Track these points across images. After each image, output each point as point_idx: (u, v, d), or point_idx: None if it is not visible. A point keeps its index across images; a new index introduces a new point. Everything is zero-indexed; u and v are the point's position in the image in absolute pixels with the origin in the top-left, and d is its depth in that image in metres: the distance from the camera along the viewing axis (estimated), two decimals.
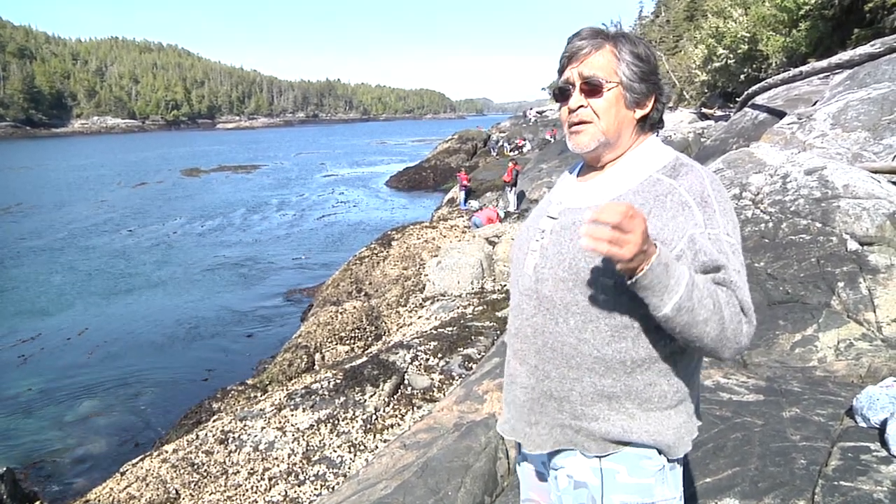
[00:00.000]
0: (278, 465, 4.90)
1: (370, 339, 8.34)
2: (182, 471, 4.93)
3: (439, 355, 6.18)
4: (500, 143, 33.53)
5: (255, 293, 12.69)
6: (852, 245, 3.97)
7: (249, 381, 7.38)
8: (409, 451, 3.46)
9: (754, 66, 21.52)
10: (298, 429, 5.25)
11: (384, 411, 5.53)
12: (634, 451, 1.27)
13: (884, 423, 2.56)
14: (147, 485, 4.82)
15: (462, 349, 6.29)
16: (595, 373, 1.25)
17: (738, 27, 22.19)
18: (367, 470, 3.62)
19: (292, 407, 5.52)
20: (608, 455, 1.28)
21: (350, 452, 4.97)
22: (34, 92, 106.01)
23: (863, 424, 2.69)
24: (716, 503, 2.33)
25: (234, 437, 5.23)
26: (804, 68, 10.52)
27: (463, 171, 21.53)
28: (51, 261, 15.58)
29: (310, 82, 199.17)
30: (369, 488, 3.15)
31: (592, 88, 1.27)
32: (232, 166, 40.58)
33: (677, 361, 1.27)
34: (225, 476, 4.85)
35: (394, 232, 12.97)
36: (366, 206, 24.13)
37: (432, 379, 5.84)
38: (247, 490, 4.69)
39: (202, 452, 5.11)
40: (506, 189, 17.11)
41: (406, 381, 5.92)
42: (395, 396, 5.76)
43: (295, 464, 4.90)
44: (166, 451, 5.26)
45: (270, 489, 4.68)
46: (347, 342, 8.17)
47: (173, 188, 30.19)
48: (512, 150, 30.48)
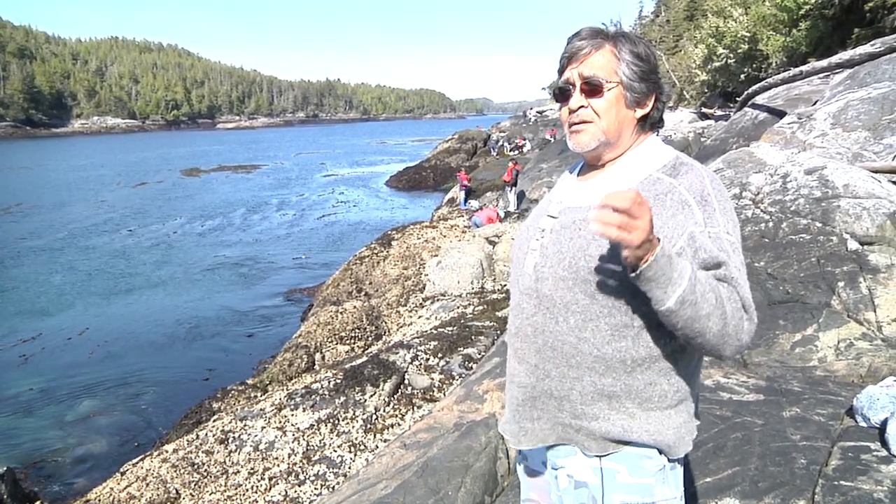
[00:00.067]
0: (278, 465, 4.90)
1: (370, 338, 8.34)
2: (182, 470, 4.93)
3: (439, 355, 6.19)
4: (500, 142, 33.52)
5: (256, 293, 12.70)
6: (852, 245, 3.97)
7: (250, 381, 7.38)
8: (409, 450, 3.47)
9: (754, 65, 21.52)
10: (298, 428, 5.25)
11: (384, 411, 5.53)
12: (635, 450, 1.27)
13: (884, 423, 2.56)
14: (147, 485, 4.82)
15: (462, 349, 6.29)
16: (595, 372, 1.25)
17: (738, 27, 22.19)
18: (367, 470, 3.62)
19: (292, 407, 5.52)
20: (608, 455, 1.28)
21: (350, 452, 4.97)
22: (34, 92, 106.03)
23: (863, 424, 2.69)
24: (716, 503, 2.33)
25: (234, 437, 5.24)
26: (804, 68, 10.51)
27: (463, 170, 21.54)
28: (51, 261, 15.58)
29: (310, 82, 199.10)
30: (369, 488, 3.15)
31: (593, 88, 1.27)
32: (232, 166, 40.57)
33: (678, 361, 1.27)
34: (225, 476, 4.85)
35: (394, 232, 12.97)
36: (366, 206, 24.13)
37: (432, 379, 5.84)
38: (247, 490, 4.69)
39: (202, 452, 5.11)
40: (506, 189, 17.10)
41: (406, 381, 5.92)
42: (396, 396, 5.76)
43: (295, 463, 4.90)
44: (166, 451, 5.27)
45: (270, 489, 4.68)
46: (347, 342, 8.17)
47: (173, 188, 30.19)
48: (512, 150, 30.48)
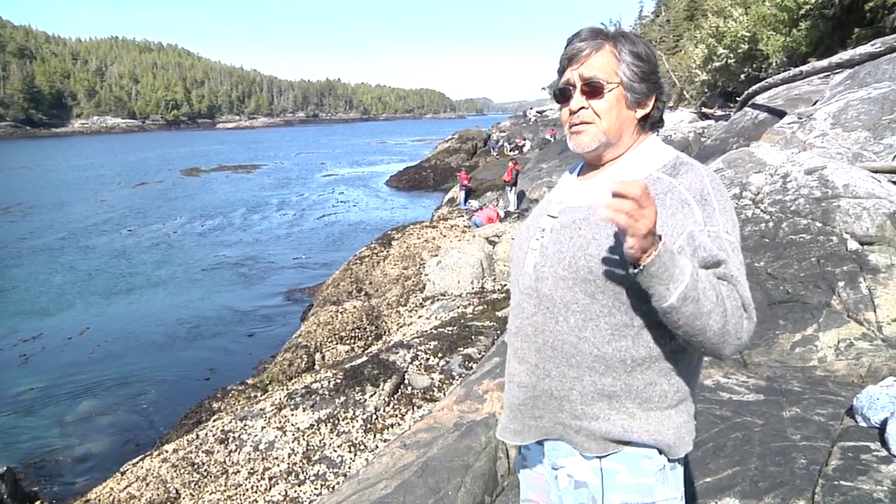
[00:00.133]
0: (278, 465, 4.90)
1: (370, 338, 8.34)
2: (182, 470, 4.93)
3: (439, 355, 6.18)
4: (500, 142, 33.51)
5: (256, 293, 12.71)
6: (852, 245, 3.97)
7: (250, 381, 7.38)
8: (409, 450, 3.47)
9: (754, 65, 21.52)
10: (298, 428, 5.25)
11: (384, 411, 5.53)
12: (635, 450, 1.27)
13: (884, 423, 2.56)
14: (147, 484, 4.82)
15: (462, 349, 6.29)
16: (595, 371, 1.25)
17: (738, 27, 22.19)
18: (367, 469, 3.62)
19: (292, 406, 5.52)
20: (608, 455, 1.28)
21: (350, 452, 4.97)
22: (34, 92, 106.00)
23: (863, 424, 2.69)
24: (716, 503, 2.33)
25: (234, 437, 5.24)
26: (804, 68, 10.50)
27: (463, 170, 21.55)
28: (51, 261, 15.58)
29: (310, 82, 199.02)
30: (369, 488, 3.15)
31: (593, 90, 1.27)
32: (232, 166, 40.57)
33: (678, 361, 1.26)
34: (225, 476, 4.85)
35: (394, 231, 12.96)
36: (366, 206, 24.13)
37: (432, 378, 5.84)
38: (247, 490, 4.69)
39: (202, 452, 5.11)
40: (506, 189, 17.10)
41: (406, 381, 5.92)
42: (396, 396, 5.76)
43: (295, 463, 4.90)
44: (166, 451, 5.27)
45: (270, 489, 4.68)
46: (347, 342, 8.17)
47: (173, 188, 30.19)
48: (512, 150, 30.46)
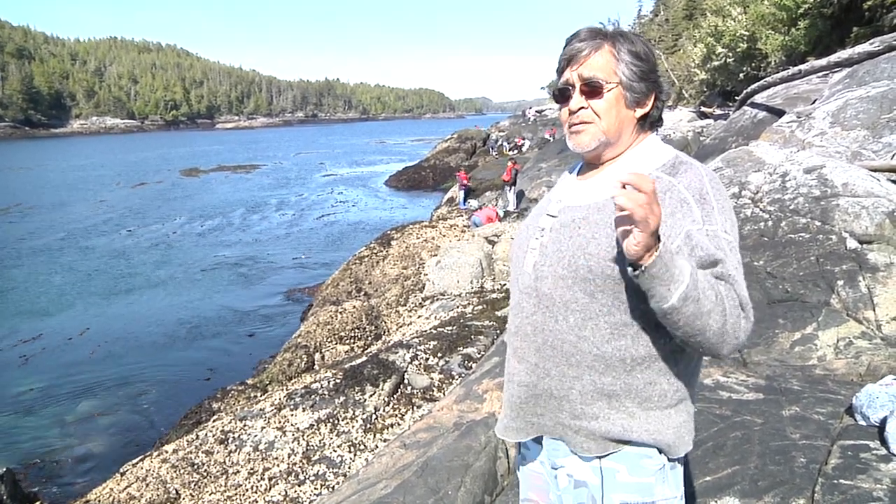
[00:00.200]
0: (278, 465, 4.90)
1: (370, 338, 8.34)
2: (182, 471, 4.93)
3: (439, 355, 6.19)
4: (499, 142, 33.51)
5: (255, 293, 12.70)
6: (852, 243, 3.97)
7: (249, 381, 7.38)
8: (409, 450, 3.47)
9: (753, 64, 21.52)
10: (298, 428, 5.25)
11: (384, 411, 5.53)
12: (635, 450, 1.27)
13: (883, 422, 2.56)
14: (147, 485, 4.82)
15: (462, 348, 6.29)
16: (595, 371, 1.25)
17: (737, 26, 22.19)
18: (367, 469, 3.62)
19: (292, 407, 5.52)
20: (608, 454, 1.28)
21: (350, 452, 4.98)
22: (33, 92, 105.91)
23: (862, 423, 2.69)
24: (716, 502, 2.33)
25: (234, 437, 5.24)
26: (803, 67, 10.50)
27: (462, 170, 21.56)
28: (51, 261, 15.58)
29: (309, 82, 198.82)
30: (369, 488, 3.15)
31: (592, 90, 1.27)
32: (231, 166, 40.54)
33: (678, 360, 1.27)
34: (225, 476, 4.85)
35: (393, 231, 12.96)
36: (365, 206, 24.12)
37: (432, 378, 5.85)
38: (247, 490, 4.69)
39: (202, 452, 5.11)
40: (505, 188, 17.10)
41: (406, 381, 5.92)
42: (395, 396, 5.76)
43: (295, 463, 4.90)
44: (166, 451, 5.26)
45: (270, 489, 4.68)
46: (347, 342, 8.17)
47: (173, 188, 30.17)
48: (511, 150, 30.45)
